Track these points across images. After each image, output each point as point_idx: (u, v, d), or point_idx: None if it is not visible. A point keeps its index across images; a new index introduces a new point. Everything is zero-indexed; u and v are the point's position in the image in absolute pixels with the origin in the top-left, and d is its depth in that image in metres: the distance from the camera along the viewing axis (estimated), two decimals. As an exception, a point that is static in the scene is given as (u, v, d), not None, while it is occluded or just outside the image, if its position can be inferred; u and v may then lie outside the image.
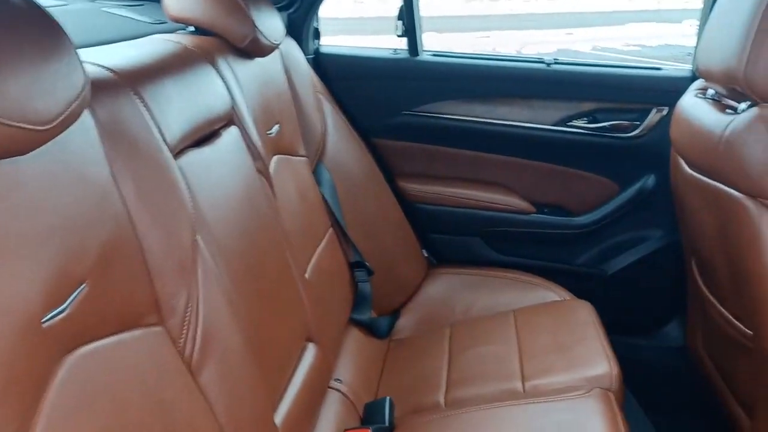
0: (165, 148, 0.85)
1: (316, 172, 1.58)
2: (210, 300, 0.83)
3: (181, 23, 1.26)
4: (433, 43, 1.89)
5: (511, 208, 1.85)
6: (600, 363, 1.33)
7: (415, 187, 1.89)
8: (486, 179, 1.87)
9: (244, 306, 0.94)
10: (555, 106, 1.77)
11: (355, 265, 1.59)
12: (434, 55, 1.85)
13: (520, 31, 11.07)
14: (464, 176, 1.88)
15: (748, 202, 1.11)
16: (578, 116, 1.76)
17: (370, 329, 1.58)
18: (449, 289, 1.78)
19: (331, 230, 1.53)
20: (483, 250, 1.90)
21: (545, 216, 1.85)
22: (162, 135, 0.86)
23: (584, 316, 1.52)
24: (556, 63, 1.76)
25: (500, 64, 1.82)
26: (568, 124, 1.77)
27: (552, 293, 1.67)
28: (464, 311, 1.69)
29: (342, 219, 1.58)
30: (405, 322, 1.70)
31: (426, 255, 1.88)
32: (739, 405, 1.36)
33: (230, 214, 1.00)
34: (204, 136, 1.01)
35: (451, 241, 1.91)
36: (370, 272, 1.61)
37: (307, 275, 1.30)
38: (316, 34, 1.85)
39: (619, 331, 1.62)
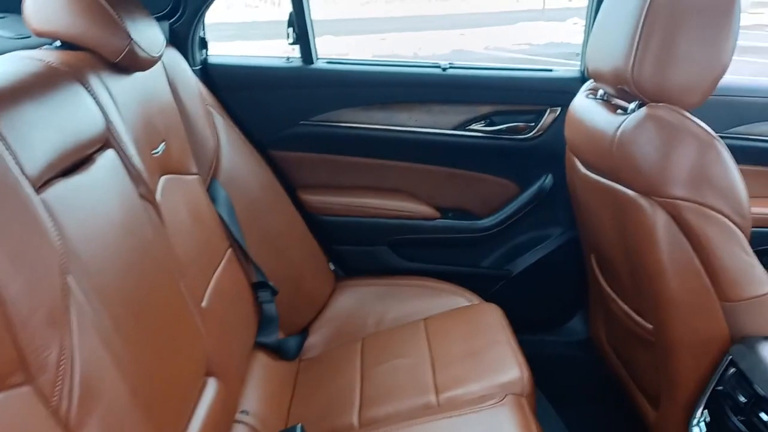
0: (25, 182, 0.75)
1: (210, 190, 1.49)
2: (87, 348, 0.74)
3: (46, 38, 1.14)
4: (330, 46, 1.83)
5: (416, 215, 1.83)
6: (511, 368, 1.33)
7: (317, 199, 1.83)
8: (389, 187, 1.84)
9: (130, 349, 0.85)
10: (453, 111, 1.77)
11: (258, 286, 1.52)
12: (329, 62, 1.80)
13: (415, 32, 11.24)
14: (367, 185, 1.84)
15: (642, 201, 1.13)
16: (476, 120, 1.77)
17: (278, 352, 1.51)
18: (359, 302, 1.74)
19: (230, 251, 1.44)
20: (391, 258, 1.87)
21: (450, 220, 1.84)
22: (20, 167, 0.76)
23: (493, 319, 1.52)
24: (451, 67, 1.76)
25: (397, 69, 1.79)
26: (467, 127, 1.77)
27: (461, 298, 1.66)
28: (375, 323, 1.65)
29: (242, 238, 1.50)
30: (315, 340, 1.64)
31: (333, 268, 1.83)
32: (645, 396, 1.40)
33: (109, 248, 0.90)
34: (74, 163, 0.91)
35: (358, 251, 1.87)
36: (274, 291, 1.54)
37: (204, 303, 1.21)
38: (203, 44, 1.75)
39: (526, 329, 1.63)
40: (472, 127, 1.77)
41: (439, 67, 1.75)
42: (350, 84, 1.78)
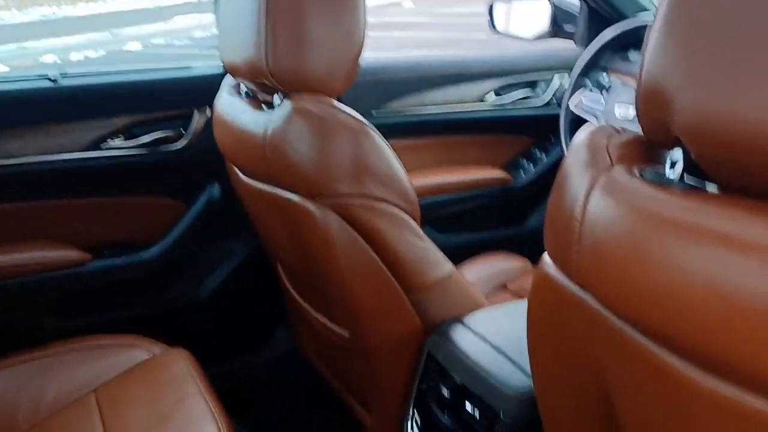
0: None
1: None
2: None
3: None
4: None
5: (62, 263, 1.48)
6: (206, 426, 1.12)
7: None
8: (18, 236, 1.45)
9: None
10: (80, 128, 1.44)
11: None
12: None
13: (60, 38, 10.02)
14: None
15: (309, 204, 1.01)
16: (112, 135, 1.47)
17: None
18: (7, 388, 1.34)
19: None
20: (43, 322, 1.49)
21: (108, 260, 1.52)
22: None
23: (180, 368, 1.28)
24: (66, 77, 1.43)
25: None
26: (103, 146, 1.47)
27: (140, 350, 1.37)
28: (31, 411, 1.28)
29: None
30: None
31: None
32: (359, 403, 1.32)
33: None
34: None
35: None
36: None
37: None
38: None
39: (228, 356, 1.44)
40: (109, 144, 1.47)
41: (48, 78, 1.41)
42: None
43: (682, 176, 0.56)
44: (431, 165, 1.80)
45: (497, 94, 1.83)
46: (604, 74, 1.69)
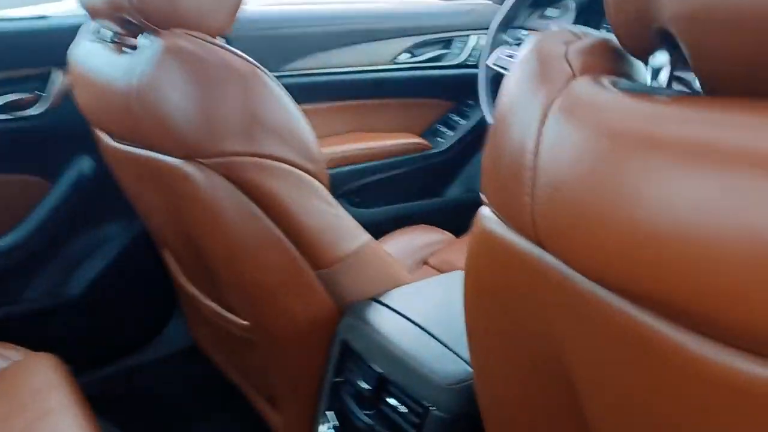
0: None
1: None
2: None
3: None
4: None
5: None
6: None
7: None
8: None
9: None
10: None
11: None
12: None
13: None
14: None
15: (188, 168, 0.82)
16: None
17: None
18: None
19: None
20: None
21: None
22: None
23: (44, 377, 1.05)
24: None
25: None
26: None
27: None
28: None
29: None
30: None
31: None
32: (266, 401, 1.14)
33: None
34: None
35: None
36: None
37: None
38: None
39: (109, 358, 1.23)
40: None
41: None
42: None
43: (668, 86, 0.42)
44: (341, 132, 1.62)
45: (411, 53, 1.68)
46: (523, 31, 1.57)
